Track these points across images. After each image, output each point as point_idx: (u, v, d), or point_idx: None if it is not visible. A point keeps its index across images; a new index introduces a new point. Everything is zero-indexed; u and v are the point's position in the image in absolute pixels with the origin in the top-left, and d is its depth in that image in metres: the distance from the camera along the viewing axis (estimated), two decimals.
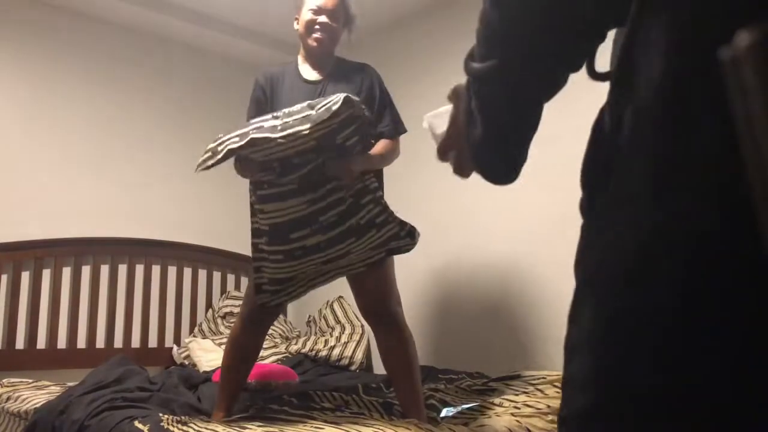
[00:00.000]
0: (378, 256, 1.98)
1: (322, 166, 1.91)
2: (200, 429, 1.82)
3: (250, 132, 1.81)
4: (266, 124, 1.83)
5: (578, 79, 0.69)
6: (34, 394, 2.40)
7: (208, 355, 2.94)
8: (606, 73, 0.65)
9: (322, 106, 1.79)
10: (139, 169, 3.31)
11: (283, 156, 1.87)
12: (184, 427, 1.83)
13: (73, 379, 2.58)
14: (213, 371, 2.68)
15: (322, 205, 1.91)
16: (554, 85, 0.69)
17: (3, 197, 2.91)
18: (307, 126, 1.76)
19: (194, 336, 3.23)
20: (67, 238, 3.01)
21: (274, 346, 3.12)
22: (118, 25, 3.36)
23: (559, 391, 1.21)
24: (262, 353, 3.09)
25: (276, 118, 1.84)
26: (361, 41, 2.67)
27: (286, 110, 1.85)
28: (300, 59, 2.21)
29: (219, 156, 1.82)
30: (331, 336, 3.21)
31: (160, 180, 3.37)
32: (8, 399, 2.41)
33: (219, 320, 3.32)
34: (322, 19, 2.12)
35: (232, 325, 3.12)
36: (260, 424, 1.88)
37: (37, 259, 2.93)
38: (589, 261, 0.64)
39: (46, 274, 2.96)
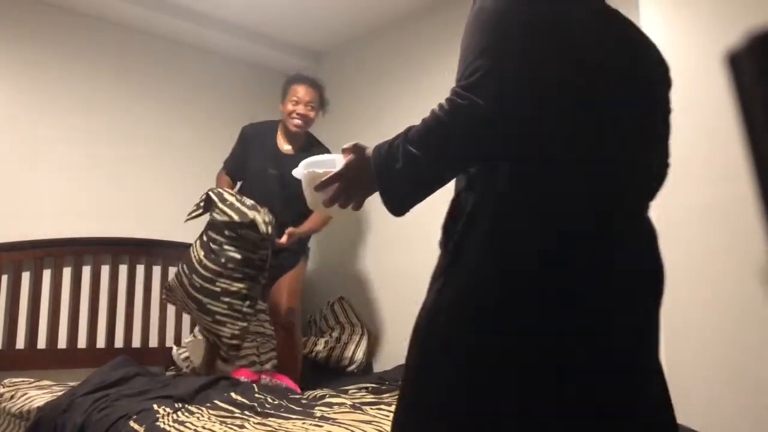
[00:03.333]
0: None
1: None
2: (197, 428, 1.82)
3: (211, 192, 2.54)
4: (227, 196, 2.51)
5: None
6: (36, 393, 2.40)
7: None
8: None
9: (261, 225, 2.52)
10: (140, 169, 3.31)
11: (220, 221, 2.48)
12: (181, 427, 1.83)
13: (74, 378, 2.58)
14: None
15: (206, 274, 2.45)
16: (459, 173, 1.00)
17: (3, 197, 2.91)
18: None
19: (194, 335, 3.22)
20: (67, 238, 3.01)
21: (273, 350, 3.10)
22: (120, 25, 3.35)
23: None
24: (262, 358, 3.08)
25: (239, 201, 2.52)
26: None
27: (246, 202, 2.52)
28: (279, 129, 2.83)
29: (200, 209, 2.52)
30: (331, 337, 3.21)
31: (160, 180, 3.37)
32: (9, 399, 2.42)
33: None
34: (300, 109, 2.72)
35: None
36: (258, 420, 1.88)
37: (37, 259, 2.93)
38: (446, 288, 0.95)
39: (47, 274, 2.96)
